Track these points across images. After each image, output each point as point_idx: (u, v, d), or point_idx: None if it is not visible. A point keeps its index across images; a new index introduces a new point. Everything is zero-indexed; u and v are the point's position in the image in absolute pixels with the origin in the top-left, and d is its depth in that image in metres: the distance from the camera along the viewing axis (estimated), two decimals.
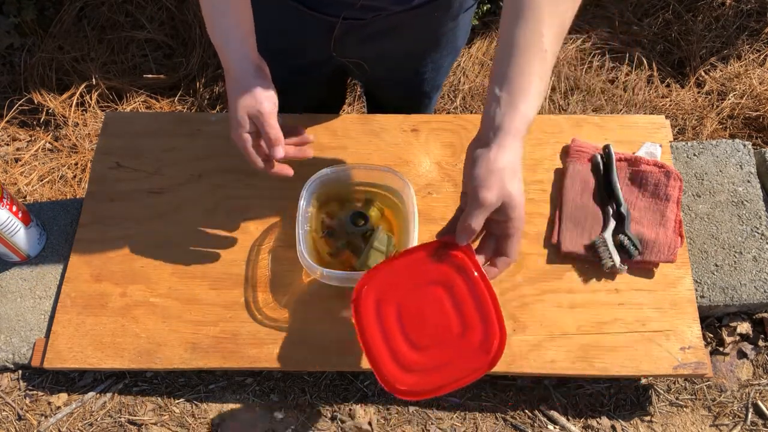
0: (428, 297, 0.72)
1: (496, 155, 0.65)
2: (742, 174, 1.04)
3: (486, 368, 0.70)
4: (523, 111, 0.66)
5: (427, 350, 0.71)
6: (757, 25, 1.89)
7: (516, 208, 0.66)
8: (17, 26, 1.91)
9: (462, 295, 0.71)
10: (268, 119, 0.75)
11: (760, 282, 0.95)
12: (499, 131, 0.66)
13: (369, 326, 0.72)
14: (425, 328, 0.72)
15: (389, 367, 0.71)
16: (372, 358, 0.71)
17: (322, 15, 0.91)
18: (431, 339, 0.71)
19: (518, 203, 0.66)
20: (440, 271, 0.72)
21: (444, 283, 0.72)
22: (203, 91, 1.88)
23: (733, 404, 0.94)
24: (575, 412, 0.92)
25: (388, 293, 0.73)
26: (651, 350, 0.87)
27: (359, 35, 0.95)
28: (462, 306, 0.71)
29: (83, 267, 0.95)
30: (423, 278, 0.73)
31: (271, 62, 1.09)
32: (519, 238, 0.69)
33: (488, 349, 0.69)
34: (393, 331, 0.72)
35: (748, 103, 1.73)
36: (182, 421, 0.91)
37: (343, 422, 0.91)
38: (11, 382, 0.94)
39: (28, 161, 1.74)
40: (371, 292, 0.74)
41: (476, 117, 1.06)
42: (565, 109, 1.79)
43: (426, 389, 0.70)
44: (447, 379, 0.70)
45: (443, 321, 0.71)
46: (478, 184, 0.66)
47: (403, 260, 0.74)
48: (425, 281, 0.73)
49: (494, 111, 0.66)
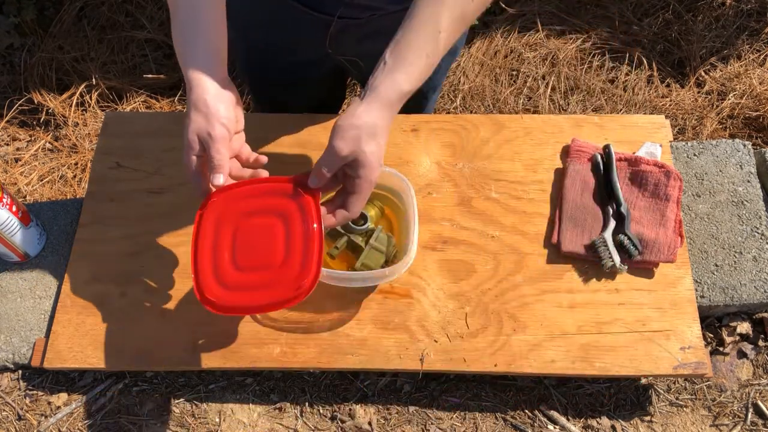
0: (265, 226, 0.77)
1: (360, 112, 0.70)
2: (742, 174, 1.04)
3: (292, 301, 0.73)
4: (399, 82, 0.70)
5: (247, 272, 0.75)
6: (757, 25, 1.89)
7: (366, 167, 0.71)
8: (17, 26, 1.91)
9: (295, 232, 0.75)
10: (215, 144, 0.73)
11: (760, 282, 0.95)
12: (372, 92, 0.70)
13: (203, 237, 0.77)
14: (253, 252, 0.76)
15: (208, 280, 0.75)
16: (195, 268, 0.76)
17: (318, 14, 0.91)
18: (254, 263, 0.76)
19: (369, 163, 0.71)
20: (284, 206, 0.77)
21: (284, 217, 0.76)
22: None
23: (733, 404, 0.94)
24: (575, 412, 0.92)
25: (231, 212, 0.78)
26: (651, 350, 0.87)
27: (355, 34, 0.95)
28: (292, 241, 0.75)
29: (83, 267, 0.95)
30: (267, 208, 0.77)
31: (269, 61, 1.08)
32: (363, 198, 0.74)
33: (300, 285, 0.73)
34: (222, 248, 0.76)
35: (748, 103, 1.73)
36: (182, 421, 0.91)
37: (343, 422, 0.91)
38: (11, 382, 0.94)
39: (28, 161, 1.74)
40: (216, 207, 0.78)
41: (476, 117, 1.06)
42: (565, 109, 1.79)
43: (234, 306, 0.74)
44: (255, 301, 0.75)
45: (270, 250, 0.75)
46: (336, 133, 0.71)
47: (256, 187, 0.78)
48: (267, 210, 0.77)
49: (377, 73, 0.71)
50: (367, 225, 0.89)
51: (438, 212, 0.98)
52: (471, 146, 1.03)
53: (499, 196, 0.99)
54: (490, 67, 1.88)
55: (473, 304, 0.91)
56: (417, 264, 0.93)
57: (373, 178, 0.73)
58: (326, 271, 0.83)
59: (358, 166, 0.72)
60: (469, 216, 0.97)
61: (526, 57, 1.87)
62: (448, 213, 0.98)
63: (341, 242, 0.89)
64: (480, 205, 0.98)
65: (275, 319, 0.90)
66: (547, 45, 1.89)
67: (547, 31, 1.92)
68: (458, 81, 1.87)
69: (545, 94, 1.81)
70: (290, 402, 0.93)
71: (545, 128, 1.05)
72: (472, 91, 1.85)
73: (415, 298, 0.91)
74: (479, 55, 1.91)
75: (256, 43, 1.04)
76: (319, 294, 0.91)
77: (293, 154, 1.03)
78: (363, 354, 0.88)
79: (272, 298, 0.74)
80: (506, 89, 1.83)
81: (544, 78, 1.85)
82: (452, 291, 0.92)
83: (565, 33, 1.92)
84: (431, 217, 0.97)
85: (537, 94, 1.82)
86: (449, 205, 0.98)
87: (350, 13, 0.90)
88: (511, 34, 1.92)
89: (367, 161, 0.71)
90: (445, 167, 1.02)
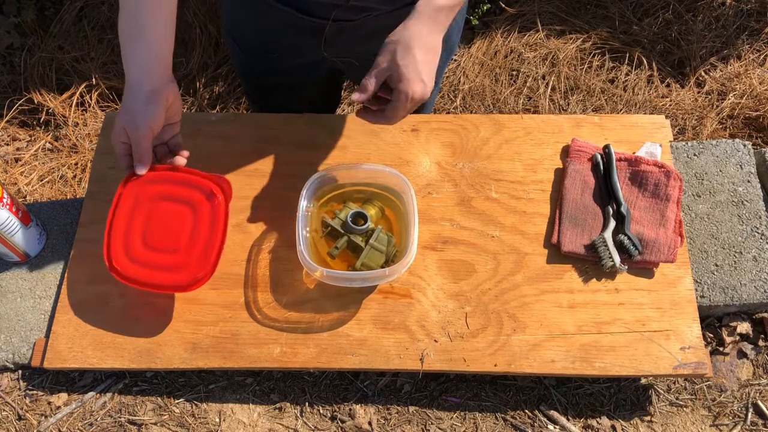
0: (177, 213, 0.86)
1: (398, 29, 0.76)
2: (742, 174, 1.04)
3: (186, 288, 0.83)
4: None
5: (153, 251, 0.85)
6: (757, 25, 1.89)
7: (401, 80, 0.75)
8: (17, 26, 1.91)
9: (202, 224, 0.85)
10: (138, 140, 0.81)
11: (760, 282, 0.95)
12: (413, 12, 0.77)
13: (120, 212, 0.87)
14: (162, 234, 0.85)
15: (117, 251, 0.85)
16: (107, 238, 0.86)
17: (313, 18, 0.91)
18: (160, 245, 0.85)
19: (402, 76, 0.75)
20: (197, 198, 0.86)
21: (194, 208, 0.86)
22: (203, 91, 1.88)
23: (733, 404, 0.94)
24: (575, 412, 0.92)
25: (149, 193, 0.87)
26: (651, 350, 0.87)
27: (350, 36, 0.95)
28: (197, 232, 0.85)
29: (83, 267, 0.95)
30: (182, 197, 0.86)
31: (264, 67, 1.08)
32: (399, 107, 0.77)
33: (195, 275, 0.82)
34: (135, 224, 0.86)
35: (748, 103, 1.73)
36: (182, 421, 0.91)
37: (343, 422, 0.91)
38: (11, 382, 0.94)
39: (28, 161, 1.74)
40: (136, 186, 0.87)
41: (476, 117, 1.06)
42: (565, 109, 1.79)
43: (136, 279, 0.84)
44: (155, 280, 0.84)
45: (177, 235, 0.85)
46: (380, 49, 0.77)
47: (176, 175, 0.87)
48: (182, 199, 0.86)
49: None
50: (368, 225, 0.89)
51: (438, 212, 0.98)
52: (471, 146, 1.03)
53: (499, 196, 0.99)
54: (490, 67, 1.88)
55: (473, 304, 0.91)
56: (417, 264, 0.93)
57: (410, 90, 0.75)
58: (326, 271, 0.83)
59: (394, 79, 0.76)
60: (469, 216, 0.97)
61: (526, 57, 1.87)
62: (448, 213, 0.98)
63: (341, 242, 0.89)
64: (480, 205, 0.98)
65: (275, 319, 0.90)
66: (547, 45, 1.89)
67: (547, 31, 1.92)
68: (458, 81, 1.87)
69: (545, 94, 1.81)
70: (290, 402, 0.93)
71: (545, 128, 1.05)
72: (472, 91, 1.85)
73: (415, 298, 0.91)
74: (479, 55, 1.91)
75: (251, 49, 1.04)
76: (319, 294, 0.92)
77: (291, 153, 1.03)
78: (363, 354, 0.88)
79: (170, 281, 0.83)
80: (506, 89, 1.83)
81: (544, 78, 1.85)
82: (452, 291, 0.92)
83: (565, 33, 1.92)
84: (431, 217, 0.97)
85: (537, 94, 1.82)
86: (449, 205, 0.98)
87: (344, 16, 0.91)
88: (511, 34, 1.92)
89: (400, 73, 0.75)
90: (445, 167, 1.02)
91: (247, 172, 1.01)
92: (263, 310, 0.91)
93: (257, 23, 0.98)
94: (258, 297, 0.92)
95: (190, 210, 0.86)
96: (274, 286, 0.92)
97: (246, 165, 1.02)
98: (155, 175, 0.87)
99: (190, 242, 0.84)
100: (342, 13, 0.90)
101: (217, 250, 0.84)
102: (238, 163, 1.02)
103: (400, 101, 0.76)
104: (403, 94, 0.76)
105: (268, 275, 0.93)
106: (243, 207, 0.98)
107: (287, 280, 0.93)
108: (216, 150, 1.04)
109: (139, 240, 0.85)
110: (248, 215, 0.98)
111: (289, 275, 0.93)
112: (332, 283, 0.85)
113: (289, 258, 0.93)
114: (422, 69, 0.75)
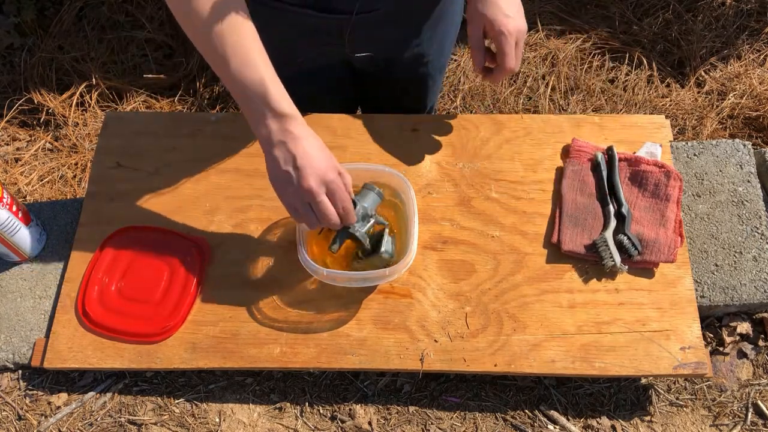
0: (155, 268, 0.93)
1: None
2: (742, 174, 1.04)
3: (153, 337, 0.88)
4: None
5: (126, 301, 0.91)
6: (757, 25, 1.89)
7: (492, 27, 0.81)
8: (17, 26, 1.91)
9: (176, 283, 0.91)
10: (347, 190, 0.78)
11: (760, 282, 0.95)
12: None
13: (101, 263, 0.93)
14: (137, 287, 0.91)
15: (91, 299, 0.91)
16: (85, 282, 0.92)
17: (335, 15, 0.91)
18: (134, 296, 0.91)
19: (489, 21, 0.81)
20: (175, 258, 0.93)
21: (172, 268, 0.92)
22: (203, 91, 1.88)
23: (733, 404, 0.94)
24: (575, 412, 0.92)
25: (130, 250, 0.94)
26: (651, 350, 0.87)
27: (367, 27, 0.94)
28: (171, 290, 0.91)
29: (83, 267, 0.95)
30: (162, 255, 0.93)
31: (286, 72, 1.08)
32: (505, 51, 0.83)
33: (164, 327, 0.88)
34: (114, 274, 0.92)
35: (748, 103, 1.73)
36: (182, 421, 0.91)
37: (343, 422, 0.91)
38: (11, 382, 0.94)
39: (28, 161, 1.74)
40: (122, 239, 0.95)
41: (476, 117, 1.06)
42: (565, 109, 1.79)
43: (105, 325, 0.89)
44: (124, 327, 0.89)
45: (152, 290, 0.91)
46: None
47: (160, 235, 0.95)
48: (161, 256, 0.93)
49: None
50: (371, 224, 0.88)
51: (438, 212, 0.98)
52: (471, 146, 1.03)
53: (499, 196, 0.99)
54: None
55: (473, 304, 0.91)
56: (417, 264, 0.93)
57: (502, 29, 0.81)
58: (326, 271, 0.83)
59: (487, 30, 0.83)
60: (469, 216, 0.97)
61: (526, 57, 1.87)
62: (448, 213, 0.98)
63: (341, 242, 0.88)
64: (480, 205, 0.98)
65: (275, 319, 0.90)
66: (547, 45, 1.89)
67: (547, 31, 1.92)
68: (458, 81, 1.87)
69: (545, 94, 1.81)
70: (290, 402, 0.93)
71: (545, 128, 1.05)
72: (472, 91, 1.85)
73: (415, 298, 0.91)
74: None
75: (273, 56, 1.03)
76: (319, 294, 0.92)
77: None
78: (363, 354, 0.88)
79: (139, 329, 0.88)
80: (506, 89, 1.83)
81: (544, 78, 1.85)
82: (452, 291, 0.92)
83: (565, 33, 1.92)
84: (431, 217, 0.97)
85: (537, 94, 1.82)
86: (449, 205, 0.98)
87: (368, 6, 0.90)
88: None
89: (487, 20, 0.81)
90: (445, 167, 1.02)
91: (247, 172, 1.01)
92: (263, 310, 0.91)
93: (278, 27, 0.96)
94: (258, 297, 0.92)
95: (167, 266, 0.92)
96: (274, 286, 0.92)
97: (246, 165, 1.02)
98: (139, 233, 0.95)
99: (162, 295, 0.90)
100: (365, 4, 0.90)
101: (188, 305, 0.90)
102: (238, 163, 1.02)
103: (501, 43, 0.82)
104: (499, 35, 0.81)
105: (268, 275, 0.93)
106: (243, 207, 0.98)
107: (287, 280, 0.93)
108: (216, 150, 1.03)
109: (114, 289, 0.91)
110: (248, 215, 0.98)
111: (289, 275, 0.93)
112: (332, 283, 0.85)
113: (289, 258, 0.93)
114: (504, 5, 0.81)
